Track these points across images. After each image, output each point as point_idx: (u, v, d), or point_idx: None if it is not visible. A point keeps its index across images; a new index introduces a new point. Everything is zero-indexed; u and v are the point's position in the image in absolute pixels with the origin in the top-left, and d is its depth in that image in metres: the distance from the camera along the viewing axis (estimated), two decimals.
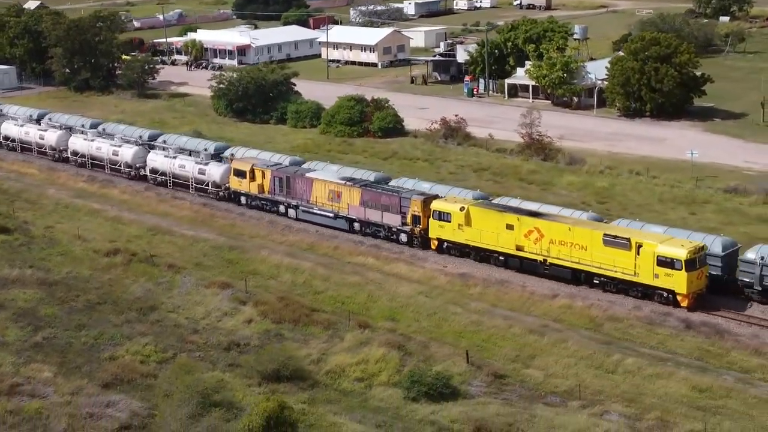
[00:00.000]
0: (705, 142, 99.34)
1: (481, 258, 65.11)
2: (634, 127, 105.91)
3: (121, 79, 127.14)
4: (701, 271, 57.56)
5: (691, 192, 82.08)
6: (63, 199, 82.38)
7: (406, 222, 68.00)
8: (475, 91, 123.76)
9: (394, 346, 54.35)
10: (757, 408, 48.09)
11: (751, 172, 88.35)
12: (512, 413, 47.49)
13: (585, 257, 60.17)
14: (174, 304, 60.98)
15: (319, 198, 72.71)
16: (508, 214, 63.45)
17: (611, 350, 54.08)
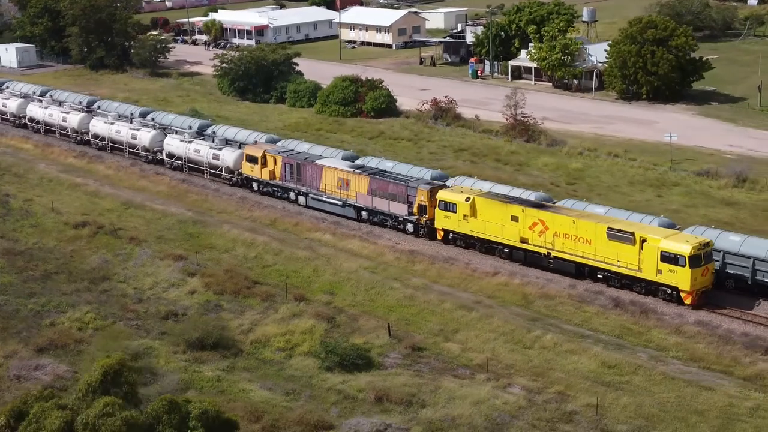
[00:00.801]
0: (695, 125, 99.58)
1: (486, 250, 63.94)
2: (628, 110, 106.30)
3: (134, 58, 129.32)
4: (707, 268, 55.91)
5: (663, 174, 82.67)
6: (49, 174, 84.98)
7: (413, 212, 67.03)
8: (479, 72, 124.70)
9: (324, 318, 56.08)
10: (661, 385, 49.10)
11: (731, 155, 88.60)
12: (418, 384, 48.95)
13: (589, 251, 58.65)
14: (126, 275, 63.12)
15: (328, 185, 71.77)
16: (513, 205, 61.90)
17: (534, 326, 55.26)
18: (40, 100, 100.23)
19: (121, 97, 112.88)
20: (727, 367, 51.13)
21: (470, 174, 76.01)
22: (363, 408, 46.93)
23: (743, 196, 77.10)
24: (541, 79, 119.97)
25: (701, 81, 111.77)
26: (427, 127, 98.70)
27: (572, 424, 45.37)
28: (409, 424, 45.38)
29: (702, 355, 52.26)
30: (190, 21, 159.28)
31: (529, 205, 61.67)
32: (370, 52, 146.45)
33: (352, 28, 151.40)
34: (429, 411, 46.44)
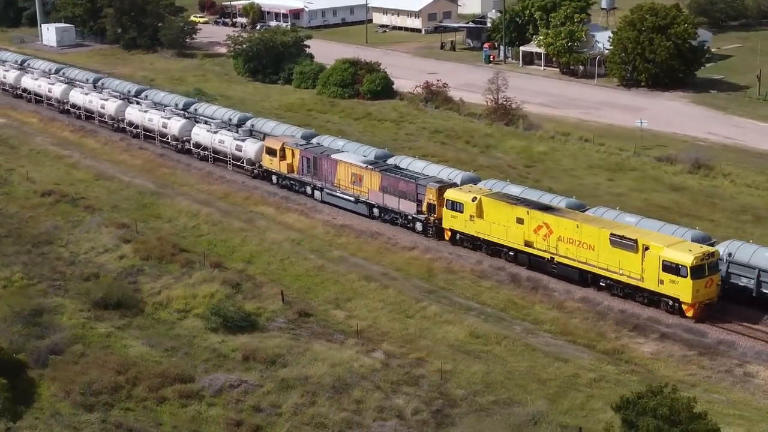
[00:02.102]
0: (683, 113, 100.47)
1: (492, 252, 61.91)
2: (623, 97, 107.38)
3: (162, 38, 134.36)
4: (711, 279, 52.86)
5: (625, 160, 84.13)
6: (40, 146, 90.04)
7: (422, 210, 65.22)
8: (492, 58, 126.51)
9: (230, 284, 59.54)
10: (519, 355, 51.37)
11: (703, 143, 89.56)
12: (290, 346, 52.11)
13: (592, 258, 56.11)
14: (69, 239, 67.47)
15: (342, 181, 70.06)
16: (519, 207, 59.52)
17: (426, 298, 57.89)
18: (82, 86, 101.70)
19: (140, 76, 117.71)
20: (592, 341, 53.08)
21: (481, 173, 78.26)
22: (229, 365, 50.13)
23: (694, 182, 78.23)
24: (551, 65, 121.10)
25: (711, 69, 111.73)
26: (417, 109, 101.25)
27: (415, 386, 47.91)
28: (264, 381, 48.48)
29: (572, 330, 54.26)
30: (232, 4, 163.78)
31: (534, 207, 59.23)
32: (398, 37, 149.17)
33: (384, 13, 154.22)
34: (287, 370, 49.42)
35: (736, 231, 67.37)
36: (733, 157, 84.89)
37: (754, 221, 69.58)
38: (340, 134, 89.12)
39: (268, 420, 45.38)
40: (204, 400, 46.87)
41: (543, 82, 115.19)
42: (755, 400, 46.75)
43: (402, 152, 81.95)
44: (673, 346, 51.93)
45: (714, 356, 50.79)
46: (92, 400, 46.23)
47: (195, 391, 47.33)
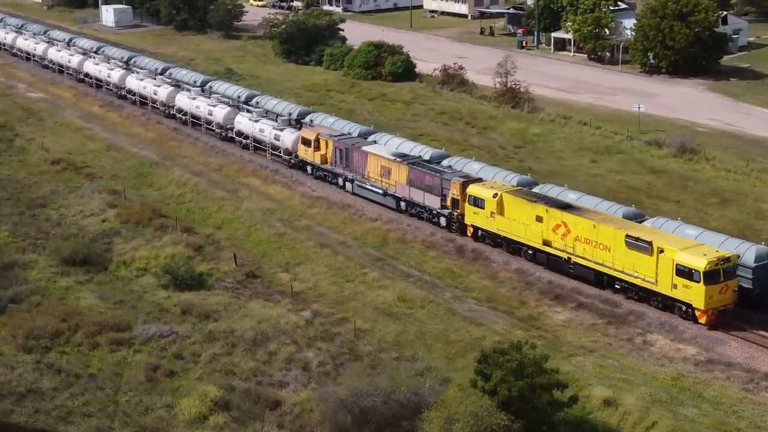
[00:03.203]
0: (694, 99, 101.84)
1: (513, 250, 60.92)
2: (641, 83, 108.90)
3: (210, 20, 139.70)
4: (726, 285, 51.06)
5: (616, 143, 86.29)
6: (66, 119, 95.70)
7: (446, 205, 64.55)
8: (525, 43, 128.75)
9: (194, 247, 63.87)
10: (438, 318, 54.54)
11: (702, 128, 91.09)
12: (227, 303, 56.29)
13: (608, 259, 54.88)
14: (62, 204, 72.62)
15: (372, 173, 69.58)
16: (539, 204, 58.36)
17: (371, 265, 61.41)
18: (138, 72, 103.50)
19: (181, 56, 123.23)
20: (512, 308, 56.02)
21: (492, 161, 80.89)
22: (166, 318, 54.47)
23: (676, 165, 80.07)
24: (581, 51, 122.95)
25: (740, 57, 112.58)
26: (433, 91, 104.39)
27: (329, 342, 51.54)
28: (193, 333, 52.68)
29: (497, 297, 57.22)
30: None
31: (554, 206, 57.97)
32: (444, 22, 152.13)
33: None
34: (216, 324, 53.52)
35: (697, 212, 69.34)
36: (726, 142, 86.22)
37: (719, 204, 71.27)
38: (350, 113, 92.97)
39: (185, 366, 49.38)
40: (132, 347, 51.12)
41: (568, 68, 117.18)
42: (644, 366, 49.19)
43: (403, 132, 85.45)
44: (586, 315, 54.49)
45: (620, 325, 53.27)
46: (33, 343, 50.81)
47: (126, 339, 51.59)
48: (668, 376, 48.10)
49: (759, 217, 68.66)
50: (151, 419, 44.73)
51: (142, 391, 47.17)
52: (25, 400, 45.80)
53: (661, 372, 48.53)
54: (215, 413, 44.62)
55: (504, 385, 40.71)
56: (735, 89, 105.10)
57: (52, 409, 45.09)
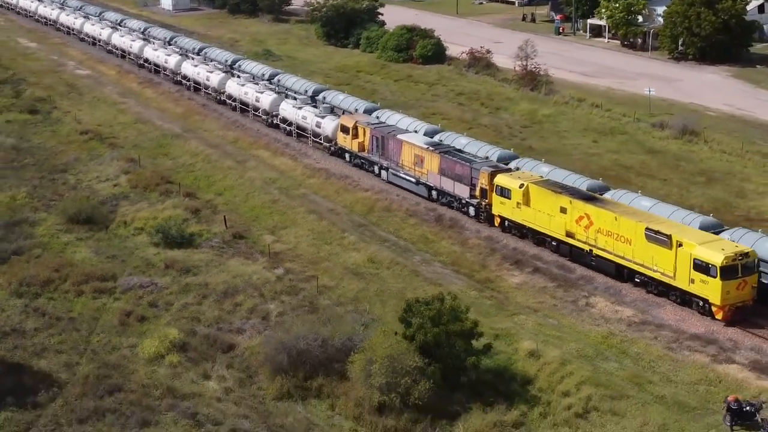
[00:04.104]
0: (714, 84, 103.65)
1: (537, 241, 60.78)
2: (666, 69, 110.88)
3: (259, 3, 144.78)
4: (744, 281, 50.22)
5: (623, 124, 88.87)
6: (104, 94, 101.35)
7: (475, 194, 64.44)
8: (561, 30, 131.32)
9: (191, 210, 68.60)
10: (400, 278, 58.19)
11: (712, 113, 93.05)
12: (209, 260, 60.81)
13: (628, 252, 54.34)
14: (81, 170, 77.90)
15: (406, 161, 69.74)
16: (563, 196, 57.91)
17: (351, 230, 65.39)
18: (192, 58, 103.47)
19: (227, 38, 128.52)
20: (473, 271, 59.54)
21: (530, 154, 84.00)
22: (150, 272, 59.15)
23: (674, 146, 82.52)
24: (616, 38, 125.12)
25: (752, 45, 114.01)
26: (458, 73, 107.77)
27: (293, 296, 55.71)
28: (171, 284, 57.27)
29: (462, 261, 60.78)
30: None
31: (578, 197, 57.58)
32: (492, 9, 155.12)
33: None
34: (193, 278, 58.04)
35: (680, 190, 71.90)
36: (732, 126, 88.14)
37: (705, 182, 73.69)
38: (372, 93, 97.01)
39: (156, 313, 53.96)
40: (113, 296, 55.76)
41: (599, 53, 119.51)
42: (580, 325, 52.41)
43: (418, 110, 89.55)
44: (539, 279, 57.79)
45: (569, 289, 56.46)
46: (25, 289, 55.83)
47: (109, 288, 56.33)
48: (599, 334, 51.12)
49: (740, 195, 70.85)
50: (114, 357, 49.24)
51: (113, 333, 51.72)
52: (8, 338, 50.56)
53: (594, 331, 51.59)
54: (171, 353, 48.65)
55: (421, 331, 44.27)
56: (759, 76, 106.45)
57: (30, 346, 49.78)
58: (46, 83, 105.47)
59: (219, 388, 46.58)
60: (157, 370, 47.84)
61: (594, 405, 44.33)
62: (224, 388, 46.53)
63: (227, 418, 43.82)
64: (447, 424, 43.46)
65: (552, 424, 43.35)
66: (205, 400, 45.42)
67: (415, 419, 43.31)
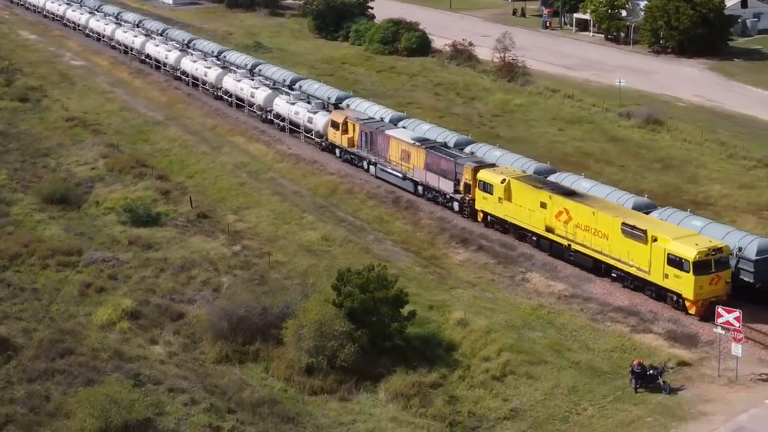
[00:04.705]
0: (689, 76, 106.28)
1: (519, 237, 61.04)
2: (644, 61, 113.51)
3: None
4: (717, 276, 50.41)
5: (591, 114, 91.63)
6: (94, 83, 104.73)
7: (459, 190, 64.95)
8: (548, 24, 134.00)
9: (162, 191, 71.81)
10: (351, 254, 60.91)
11: (681, 103, 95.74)
12: (172, 237, 63.96)
13: (605, 247, 54.51)
14: (63, 154, 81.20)
15: (393, 157, 70.28)
16: (543, 191, 58.29)
17: (311, 211, 68.38)
18: (192, 54, 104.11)
19: (222, 31, 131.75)
20: (421, 249, 62.48)
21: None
22: (114, 248, 62.34)
23: (637, 135, 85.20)
24: (600, 32, 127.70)
25: (755, 40, 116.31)
26: (440, 65, 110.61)
27: (245, 270, 58.76)
28: (132, 259, 60.48)
29: (412, 240, 63.72)
30: None
31: (558, 192, 57.95)
32: (485, 3, 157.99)
33: None
34: (154, 253, 61.22)
35: (635, 175, 74.63)
36: (698, 116, 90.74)
37: (660, 169, 76.33)
38: (354, 83, 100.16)
39: (114, 285, 57.09)
40: (76, 269, 58.94)
41: (582, 47, 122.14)
42: (513, 299, 55.27)
43: (395, 100, 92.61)
44: (482, 256, 60.66)
45: (508, 265, 59.31)
46: None
47: (72, 262, 59.51)
48: (530, 306, 54.00)
49: (692, 181, 73.50)
50: (70, 324, 52.41)
51: (72, 303, 54.87)
52: None
53: (525, 303, 54.47)
54: (123, 320, 51.85)
55: (349, 298, 47.29)
56: (734, 69, 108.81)
57: None
58: (40, 73, 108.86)
59: (164, 352, 49.49)
60: (108, 335, 50.80)
61: (511, 369, 47.02)
62: (168, 352, 49.42)
63: (167, 379, 46.72)
64: (371, 385, 46.23)
65: (469, 385, 46.12)
66: (149, 362, 48.35)
67: (341, 380, 46.17)
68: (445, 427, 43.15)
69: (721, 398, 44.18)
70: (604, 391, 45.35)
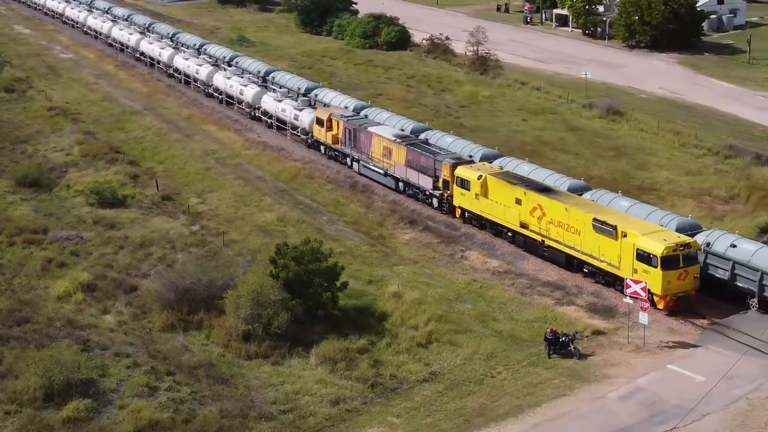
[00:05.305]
0: (657, 70, 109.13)
1: (496, 232, 61.86)
2: (616, 56, 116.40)
3: None
4: (686, 271, 51.05)
5: (556, 105, 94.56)
6: (79, 75, 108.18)
7: (438, 186, 65.69)
8: (529, 19, 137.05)
9: (131, 176, 75.19)
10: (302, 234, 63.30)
11: (645, 95, 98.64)
12: (135, 218, 67.23)
13: (577, 243, 55.28)
14: (41, 141, 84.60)
15: (375, 153, 70.82)
16: (518, 187, 58.91)
17: (271, 194, 71.52)
18: (184, 51, 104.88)
19: (210, 26, 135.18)
20: (371, 229, 65.63)
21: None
22: (80, 227, 65.69)
23: (596, 125, 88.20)
24: (578, 27, 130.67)
25: (731, 35, 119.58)
26: (418, 59, 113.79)
27: (200, 248, 62.03)
28: (95, 237, 63.77)
29: (363, 221, 66.88)
30: None
31: (532, 189, 58.64)
32: (471, 0, 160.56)
33: None
34: (116, 232, 64.58)
35: (587, 162, 77.61)
36: (659, 107, 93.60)
37: (613, 156, 79.33)
38: (330, 75, 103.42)
39: (75, 261, 60.41)
40: (40, 246, 62.29)
41: (559, 42, 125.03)
42: (450, 274, 58.41)
43: (367, 91, 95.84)
44: (427, 236, 63.84)
45: (450, 244, 62.48)
46: None
47: (38, 239, 62.86)
48: (463, 281, 57.14)
49: (641, 168, 76.49)
50: (30, 295, 55.67)
51: (34, 277, 58.15)
52: None
53: (460, 278, 57.63)
54: (78, 292, 55.16)
55: (285, 270, 50.54)
56: (703, 63, 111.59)
57: None
58: (28, 65, 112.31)
59: (114, 321, 52.78)
60: (63, 306, 54.03)
61: (436, 337, 50.17)
62: (118, 321, 52.69)
63: (114, 345, 50.02)
64: (303, 351, 49.43)
65: (394, 351, 49.28)
66: (99, 330, 51.64)
67: (275, 346, 49.39)
68: (366, 388, 46.09)
69: (627, 363, 47.16)
70: (519, 357, 48.39)
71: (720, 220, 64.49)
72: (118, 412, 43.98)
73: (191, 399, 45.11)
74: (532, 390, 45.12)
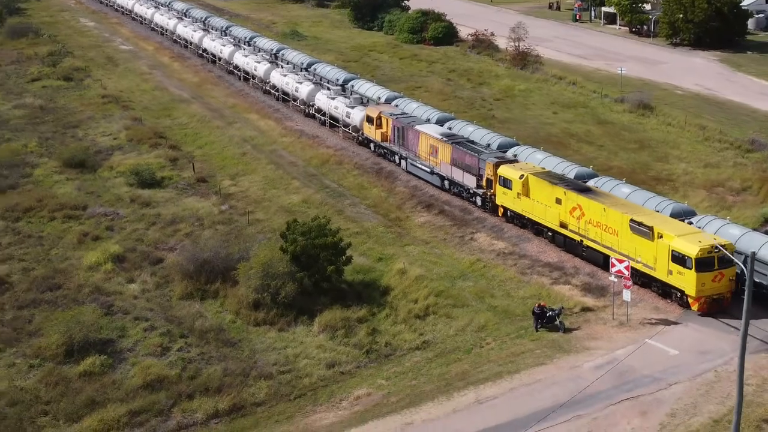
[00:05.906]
0: (696, 67, 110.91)
1: (536, 232, 61.82)
2: (658, 53, 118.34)
3: None
4: (721, 273, 50.51)
5: (589, 99, 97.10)
6: (136, 65, 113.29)
7: (481, 185, 65.74)
8: (578, 17, 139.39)
9: (171, 159, 79.66)
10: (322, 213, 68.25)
11: (680, 91, 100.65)
12: (170, 197, 71.45)
13: (615, 243, 54.88)
14: (91, 126, 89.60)
15: (422, 152, 71.14)
16: (559, 186, 58.55)
17: (300, 179, 75.36)
18: (244, 49, 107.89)
19: (267, 20, 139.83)
20: (389, 212, 69.09)
21: None
22: (119, 204, 70.19)
23: (625, 118, 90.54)
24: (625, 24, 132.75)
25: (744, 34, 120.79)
26: (461, 53, 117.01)
27: (227, 225, 66.02)
28: (130, 215, 68.26)
29: (382, 204, 70.23)
30: None
31: (572, 188, 58.33)
32: None
33: None
34: (151, 210, 68.88)
35: (609, 154, 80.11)
36: (690, 103, 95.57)
37: (636, 149, 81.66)
38: (375, 68, 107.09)
39: (108, 235, 64.82)
40: (78, 221, 66.86)
41: (604, 39, 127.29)
42: (457, 254, 61.58)
43: (407, 84, 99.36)
44: (442, 219, 67.09)
45: (462, 227, 65.68)
46: (9, 214, 67.24)
47: (77, 215, 67.45)
48: (468, 261, 60.29)
49: (661, 160, 78.78)
50: (64, 265, 60.14)
51: (70, 248, 62.62)
52: None
53: (466, 258, 60.77)
54: (108, 263, 59.49)
55: (294, 244, 54.29)
56: (743, 61, 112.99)
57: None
58: (89, 56, 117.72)
59: (138, 289, 56.84)
60: (93, 275, 58.27)
61: (434, 310, 53.38)
62: (142, 289, 56.76)
63: (136, 310, 54.11)
64: (307, 320, 53.00)
65: (392, 322, 52.60)
66: (123, 297, 55.77)
67: (281, 314, 53.01)
68: (362, 353, 49.49)
69: (608, 337, 49.99)
70: (509, 330, 51.42)
71: (728, 210, 66.39)
72: (130, 368, 47.78)
73: (199, 359, 48.77)
74: (514, 359, 48.07)
